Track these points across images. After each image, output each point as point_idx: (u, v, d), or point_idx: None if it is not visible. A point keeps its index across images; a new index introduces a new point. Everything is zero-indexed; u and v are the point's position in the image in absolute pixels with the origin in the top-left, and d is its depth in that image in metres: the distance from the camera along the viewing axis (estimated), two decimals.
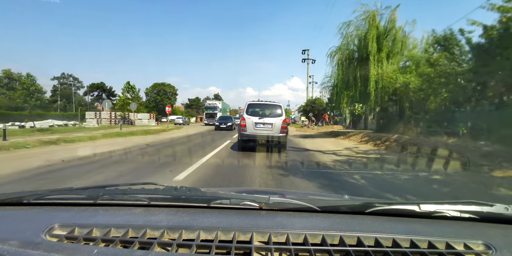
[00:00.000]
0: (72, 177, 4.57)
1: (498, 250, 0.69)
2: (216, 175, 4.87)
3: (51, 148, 8.50)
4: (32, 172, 4.78)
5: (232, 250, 0.68)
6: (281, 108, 8.06)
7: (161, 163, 5.96)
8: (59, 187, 3.74)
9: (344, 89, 14.53)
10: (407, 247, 0.71)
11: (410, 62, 12.72)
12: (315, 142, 12.03)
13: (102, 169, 5.17)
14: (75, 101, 54.48)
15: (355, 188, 4.11)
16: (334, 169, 5.65)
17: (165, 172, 4.86)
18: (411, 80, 10.83)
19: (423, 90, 10.58)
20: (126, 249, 0.68)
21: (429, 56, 10.12)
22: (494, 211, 0.87)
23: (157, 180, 4.15)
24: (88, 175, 4.67)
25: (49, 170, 5.03)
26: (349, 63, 14.44)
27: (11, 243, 0.67)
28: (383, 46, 13.14)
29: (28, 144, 8.47)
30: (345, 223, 0.84)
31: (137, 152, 8.03)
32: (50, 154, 7.05)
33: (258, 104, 8.30)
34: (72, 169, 5.28)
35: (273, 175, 4.77)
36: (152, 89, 57.45)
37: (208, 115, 34.74)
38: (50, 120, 24.96)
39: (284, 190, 3.35)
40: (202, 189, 1.01)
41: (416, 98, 11.21)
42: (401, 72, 12.16)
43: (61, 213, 0.93)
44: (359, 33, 14.00)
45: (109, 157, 6.85)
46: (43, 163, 5.59)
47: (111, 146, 8.92)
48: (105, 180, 4.29)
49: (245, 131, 7.72)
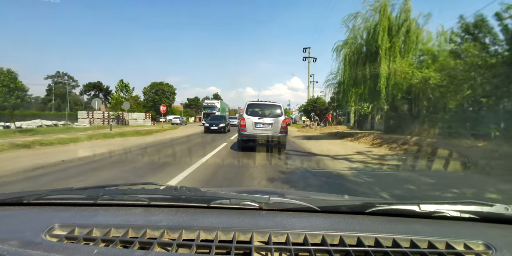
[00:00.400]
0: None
1: (498, 250, 0.69)
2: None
3: (18, 152, 7.27)
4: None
5: (232, 250, 0.68)
6: (281, 108, 7.99)
7: (139, 175, 4.77)
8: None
9: (352, 86, 13.25)
10: (407, 247, 0.71)
11: (425, 56, 11.50)
12: (321, 145, 10.81)
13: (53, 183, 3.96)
14: (70, 100, 53.50)
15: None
16: (358, 184, 4.39)
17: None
18: (431, 75, 9.56)
19: (444, 86, 9.30)
20: (126, 249, 0.68)
21: (455, 46, 8.83)
22: (494, 211, 0.87)
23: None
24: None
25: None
26: (357, 58, 13.15)
27: (11, 243, 0.67)
28: (396, 39, 11.86)
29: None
30: (345, 223, 0.84)
31: (113, 159, 6.80)
32: (7, 161, 5.84)
33: (257, 104, 8.22)
34: (11, 186, 4.06)
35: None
36: (150, 88, 55.77)
37: (206, 115, 32.76)
38: (39, 120, 23.82)
39: (284, 190, 3.23)
40: (202, 189, 1.02)
41: (436, 96, 9.92)
42: (416, 67, 10.94)
43: (61, 213, 0.93)
44: (368, 25, 12.78)
45: (76, 166, 5.63)
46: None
47: (87, 150, 7.71)
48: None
49: (245, 131, 7.68)
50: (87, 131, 15.20)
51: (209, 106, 34.68)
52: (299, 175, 4.88)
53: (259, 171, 5.09)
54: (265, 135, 7.58)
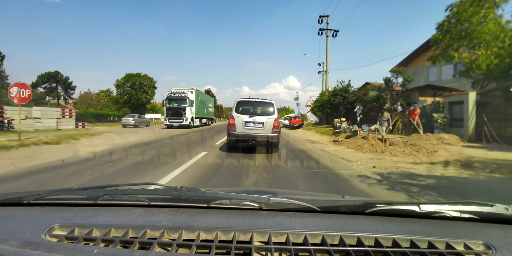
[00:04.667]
0: None
1: (498, 250, 0.69)
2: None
3: None
4: None
5: (232, 250, 0.68)
6: (273, 106, 7.56)
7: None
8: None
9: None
10: (407, 247, 0.71)
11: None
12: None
13: None
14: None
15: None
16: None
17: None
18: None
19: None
20: (126, 249, 0.67)
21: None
22: (494, 211, 0.87)
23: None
24: None
25: None
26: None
27: (11, 243, 0.67)
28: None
29: None
30: (345, 223, 0.84)
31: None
32: None
33: (248, 102, 7.68)
34: None
35: None
36: (124, 81, 44.03)
37: (171, 111, 20.98)
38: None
39: (284, 190, 3.25)
40: (202, 189, 1.01)
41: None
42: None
43: (61, 213, 0.92)
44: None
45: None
46: None
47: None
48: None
49: (234, 131, 7.23)
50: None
51: (176, 97, 21.39)
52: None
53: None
54: (256, 135, 7.12)
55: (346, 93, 20.15)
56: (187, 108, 20.99)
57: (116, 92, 45.55)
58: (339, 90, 20.69)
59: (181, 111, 20.93)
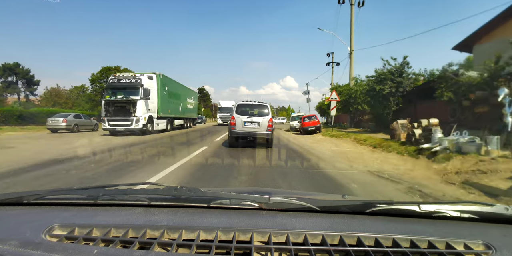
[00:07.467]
0: None
1: (498, 250, 0.69)
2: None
3: None
4: None
5: (232, 250, 0.68)
6: (268, 108, 8.90)
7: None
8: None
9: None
10: (407, 247, 0.71)
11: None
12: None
13: None
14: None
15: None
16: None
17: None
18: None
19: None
20: (126, 249, 0.68)
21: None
22: (494, 211, 0.87)
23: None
24: None
25: None
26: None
27: (11, 243, 0.67)
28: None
29: None
30: (345, 223, 0.84)
31: None
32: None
33: (247, 104, 9.02)
34: None
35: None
36: (100, 75, 36.99)
37: (113, 107, 13.59)
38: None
39: (284, 190, 3.30)
40: (202, 189, 1.01)
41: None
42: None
43: (61, 213, 0.92)
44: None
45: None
46: None
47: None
48: None
49: (234, 129, 8.56)
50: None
51: (121, 85, 13.51)
52: None
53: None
54: (253, 133, 8.52)
55: (401, 77, 12.43)
56: (139, 102, 13.18)
57: (91, 89, 38.41)
58: (387, 73, 12.63)
59: (128, 107, 13.32)
